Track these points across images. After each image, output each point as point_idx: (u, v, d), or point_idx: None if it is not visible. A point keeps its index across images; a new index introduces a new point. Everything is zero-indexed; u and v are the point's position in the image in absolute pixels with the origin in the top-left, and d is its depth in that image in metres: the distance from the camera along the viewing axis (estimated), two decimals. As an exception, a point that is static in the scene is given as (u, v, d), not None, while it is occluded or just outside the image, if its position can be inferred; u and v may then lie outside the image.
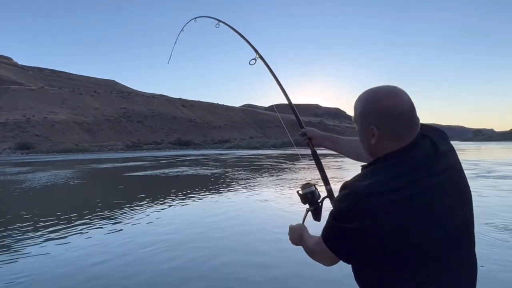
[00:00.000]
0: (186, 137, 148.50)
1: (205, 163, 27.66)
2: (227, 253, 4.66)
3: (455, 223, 0.91)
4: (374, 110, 0.98)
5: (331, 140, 1.52)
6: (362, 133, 1.03)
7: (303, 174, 15.69)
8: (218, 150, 79.71)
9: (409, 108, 0.95)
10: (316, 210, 1.34)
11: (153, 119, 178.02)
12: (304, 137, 1.59)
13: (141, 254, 4.63)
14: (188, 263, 4.31)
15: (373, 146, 1.00)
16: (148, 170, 21.19)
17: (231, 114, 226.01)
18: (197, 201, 8.93)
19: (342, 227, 0.90)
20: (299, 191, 1.37)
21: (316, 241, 1.08)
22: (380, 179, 0.90)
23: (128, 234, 5.74)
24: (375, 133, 0.97)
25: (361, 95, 1.03)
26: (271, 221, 6.54)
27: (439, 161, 0.95)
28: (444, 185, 0.92)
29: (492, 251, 4.31)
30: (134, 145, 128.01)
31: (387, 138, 0.96)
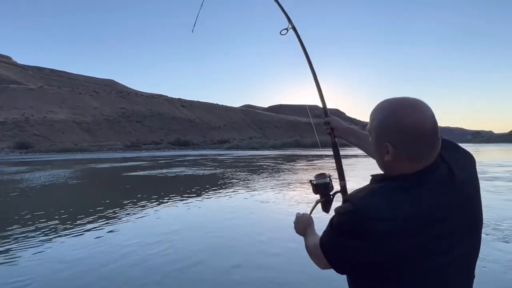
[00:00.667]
0: (185, 137, 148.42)
1: (204, 163, 27.61)
2: (235, 255, 4.60)
3: (460, 254, 0.87)
4: (392, 126, 0.87)
5: (356, 135, 1.39)
6: (375, 147, 0.94)
7: (300, 175, 15.67)
8: (217, 151, 79.70)
9: (432, 128, 0.85)
10: (326, 202, 1.30)
11: (152, 119, 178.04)
12: (327, 126, 1.46)
13: (145, 256, 4.57)
14: (196, 266, 4.22)
15: (386, 164, 0.91)
16: (147, 170, 21.14)
17: (230, 114, 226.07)
18: (195, 202, 8.89)
19: (340, 240, 0.88)
20: (313, 181, 1.32)
21: (315, 243, 1.05)
22: (389, 202, 0.84)
23: (127, 236, 5.69)
24: (390, 150, 0.88)
25: (380, 105, 0.92)
26: (266, 222, 6.52)
27: (454, 191, 0.88)
28: (456, 219, 0.87)
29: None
30: (133, 145, 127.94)
31: (403, 158, 0.87)
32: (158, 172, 19.44)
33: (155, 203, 8.78)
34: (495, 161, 22.72)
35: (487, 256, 4.12)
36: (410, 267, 0.82)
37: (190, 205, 8.47)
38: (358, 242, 0.83)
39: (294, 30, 1.58)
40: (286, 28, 1.58)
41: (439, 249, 0.83)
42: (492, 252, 4.34)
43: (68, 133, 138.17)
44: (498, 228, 5.43)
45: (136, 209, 7.98)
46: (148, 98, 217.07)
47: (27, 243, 5.29)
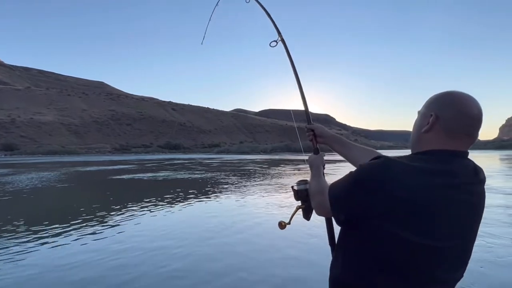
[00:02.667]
0: (176, 141, 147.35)
1: (190, 167, 27.23)
2: (225, 258, 4.39)
3: (458, 247, 0.89)
4: (442, 99, 0.93)
5: (341, 143, 1.40)
6: (419, 120, 0.98)
7: (288, 179, 15.48)
8: (207, 155, 79.23)
9: (477, 118, 0.90)
10: (307, 208, 1.29)
11: (142, 122, 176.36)
12: (310, 133, 1.46)
13: (131, 259, 4.31)
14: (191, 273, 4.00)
15: (421, 136, 0.94)
16: (131, 174, 20.68)
17: (221, 118, 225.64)
18: (175, 206, 8.62)
19: (356, 186, 0.89)
20: (294, 187, 1.32)
21: (321, 188, 1.08)
22: (422, 165, 0.86)
23: (108, 240, 5.40)
24: (431, 120, 0.91)
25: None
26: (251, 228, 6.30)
27: (475, 185, 0.91)
28: (470, 209, 0.90)
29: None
30: (122, 148, 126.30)
31: (441, 131, 0.91)
32: (143, 175, 19.03)
33: (136, 208, 8.46)
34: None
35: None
36: (409, 241, 0.83)
37: (171, 210, 8.19)
38: (377, 193, 0.84)
39: (283, 42, 1.63)
40: (275, 40, 1.63)
41: (445, 231, 0.85)
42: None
43: (55, 135, 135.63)
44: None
45: (114, 214, 7.66)
46: (138, 101, 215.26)
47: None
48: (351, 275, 0.94)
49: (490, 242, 5.03)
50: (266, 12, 1.77)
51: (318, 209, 1.08)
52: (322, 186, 1.09)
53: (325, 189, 1.02)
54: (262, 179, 15.95)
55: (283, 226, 1.27)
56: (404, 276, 0.86)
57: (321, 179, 1.18)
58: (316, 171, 1.25)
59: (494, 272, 3.82)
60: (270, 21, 1.73)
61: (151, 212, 7.91)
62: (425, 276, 0.86)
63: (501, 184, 12.35)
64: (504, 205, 8.04)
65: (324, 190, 1.02)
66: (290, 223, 1.27)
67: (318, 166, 1.27)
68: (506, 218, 6.63)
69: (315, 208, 1.11)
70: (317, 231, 5.32)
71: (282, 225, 1.27)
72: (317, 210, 1.09)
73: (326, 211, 1.00)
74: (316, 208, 1.09)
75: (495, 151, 76.84)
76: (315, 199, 1.10)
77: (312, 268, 4.07)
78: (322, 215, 1.08)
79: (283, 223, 1.27)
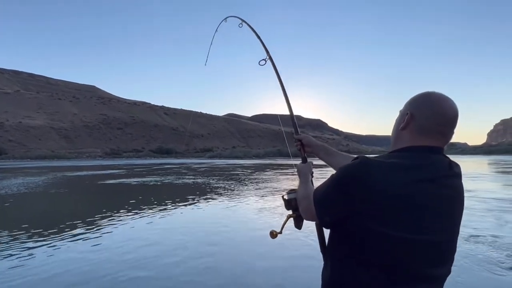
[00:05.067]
0: (168, 146, 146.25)
1: (179, 172, 27.05)
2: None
3: (440, 241, 0.90)
4: (419, 100, 0.98)
5: (326, 151, 1.48)
6: (398, 118, 1.03)
7: (276, 184, 15.41)
8: (200, 159, 78.75)
9: (452, 117, 0.94)
10: (298, 217, 1.28)
11: (134, 127, 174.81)
12: (297, 143, 1.55)
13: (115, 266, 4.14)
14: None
15: (398, 133, 1.00)
16: (119, 178, 20.38)
17: (214, 123, 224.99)
18: (159, 213, 8.45)
19: (337, 189, 0.92)
20: (284, 196, 1.34)
21: (307, 194, 1.11)
22: (398, 161, 0.90)
23: (74, 254, 5.21)
24: (406, 118, 0.97)
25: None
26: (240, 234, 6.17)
27: (451, 178, 0.94)
28: (448, 202, 0.92)
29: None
30: (113, 153, 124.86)
31: (416, 129, 0.95)
32: (130, 181, 18.75)
33: (120, 214, 8.26)
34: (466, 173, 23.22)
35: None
36: (392, 236, 0.84)
37: (156, 216, 8.01)
38: (357, 191, 0.87)
39: (271, 60, 1.73)
40: (264, 58, 1.73)
41: (426, 225, 0.87)
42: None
43: (45, 139, 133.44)
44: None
45: (99, 221, 7.45)
46: (130, 105, 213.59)
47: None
48: (339, 276, 0.95)
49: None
50: (256, 34, 1.90)
51: (305, 214, 1.11)
52: (308, 192, 1.12)
53: (310, 194, 1.06)
54: (251, 185, 15.81)
55: (274, 236, 1.26)
56: (391, 273, 0.86)
57: (307, 185, 1.22)
58: (303, 178, 1.28)
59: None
60: (260, 42, 1.85)
61: (131, 220, 7.69)
62: (412, 272, 0.87)
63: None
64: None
65: (310, 195, 1.05)
66: (282, 232, 1.26)
67: (306, 173, 1.31)
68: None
69: (303, 214, 1.13)
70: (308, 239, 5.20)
71: (274, 234, 1.26)
72: (304, 215, 1.12)
73: (312, 216, 1.02)
74: (304, 213, 1.13)
75: (484, 156, 78.05)
76: (302, 204, 1.14)
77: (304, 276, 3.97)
78: (309, 219, 1.10)
79: (274, 232, 1.26)
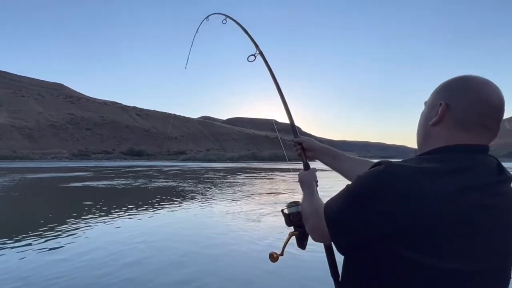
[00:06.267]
0: (139, 147, 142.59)
1: (152, 175, 26.44)
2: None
3: (496, 267, 0.71)
4: (454, 86, 0.78)
5: (332, 155, 1.26)
6: (425, 111, 0.83)
7: (250, 187, 15.46)
8: (173, 162, 77.38)
9: (499, 105, 0.75)
10: (301, 234, 1.11)
11: (103, 127, 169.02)
12: (298, 147, 1.34)
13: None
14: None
15: (429, 130, 0.79)
16: (85, 181, 19.59)
17: (187, 125, 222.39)
18: (118, 218, 8.21)
19: (357, 205, 0.71)
20: (284, 210, 1.16)
21: (315, 208, 0.92)
22: (435, 166, 0.70)
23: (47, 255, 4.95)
24: (440, 110, 0.76)
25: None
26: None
27: (502, 184, 0.74)
28: (502, 215, 0.71)
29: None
30: (81, 154, 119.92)
31: (453, 123, 0.75)
32: (97, 183, 18.09)
33: (79, 218, 7.93)
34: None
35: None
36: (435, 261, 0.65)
37: (115, 221, 7.77)
38: (384, 207, 0.67)
39: (262, 55, 1.64)
40: (253, 54, 1.64)
41: (476, 248, 0.67)
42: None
43: (5, 138, 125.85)
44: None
45: (41, 231, 7.11)
46: (100, 104, 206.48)
47: None
48: None
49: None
50: (242, 28, 1.80)
51: (313, 234, 0.91)
52: (316, 206, 0.93)
53: (319, 209, 0.86)
54: (223, 188, 15.74)
55: (275, 258, 1.07)
56: None
57: (314, 198, 1.02)
58: (308, 189, 1.08)
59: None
60: (248, 37, 1.74)
61: (89, 226, 7.42)
62: None
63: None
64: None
65: (319, 211, 0.85)
66: (283, 253, 1.07)
67: (310, 183, 1.12)
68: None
69: (310, 233, 0.93)
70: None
71: (274, 257, 1.07)
72: (312, 235, 0.92)
73: (323, 236, 0.82)
74: (311, 233, 0.92)
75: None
76: (308, 222, 0.93)
77: None
78: (318, 240, 0.89)
79: (274, 254, 1.07)
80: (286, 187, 17.27)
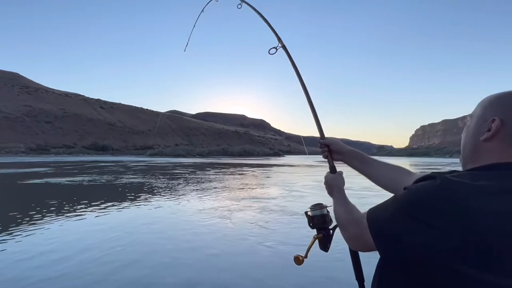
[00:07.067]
0: (103, 142, 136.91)
1: (116, 170, 25.72)
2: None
3: None
4: (509, 100, 0.76)
5: (361, 159, 1.23)
6: (474, 125, 0.81)
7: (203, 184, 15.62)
8: (139, 157, 75.28)
9: None
10: (325, 238, 1.11)
11: (64, 120, 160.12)
12: (324, 149, 1.30)
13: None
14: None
15: (480, 146, 0.78)
16: (46, 177, 18.72)
17: (155, 119, 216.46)
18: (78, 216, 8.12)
19: (409, 219, 0.69)
20: (308, 212, 1.17)
21: (356, 218, 0.88)
22: (493, 184, 0.68)
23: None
24: (494, 126, 0.75)
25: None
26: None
27: None
28: None
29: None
30: (40, 148, 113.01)
31: (507, 140, 0.74)
32: (60, 180, 17.35)
33: (34, 218, 7.76)
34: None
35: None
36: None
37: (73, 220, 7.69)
38: (439, 222, 0.65)
39: (284, 48, 1.55)
40: (275, 46, 1.54)
41: None
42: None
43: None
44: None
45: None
46: (61, 96, 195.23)
47: None
48: None
49: None
50: (263, 18, 1.65)
51: (355, 243, 0.88)
52: (356, 215, 0.90)
53: (361, 218, 0.83)
54: (192, 185, 15.76)
55: (300, 262, 1.07)
56: None
57: (350, 205, 0.99)
58: (339, 193, 1.07)
59: None
60: (270, 28, 1.61)
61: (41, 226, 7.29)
62: None
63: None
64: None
65: (360, 220, 0.82)
66: (307, 256, 1.08)
67: (340, 188, 1.10)
68: None
69: (351, 242, 0.89)
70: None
71: (300, 260, 1.07)
72: (353, 244, 0.89)
73: (366, 246, 0.79)
74: (353, 242, 0.88)
75: (407, 158, 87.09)
76: (348, 230, 0.90)
77: None
78: (359, 250, 0.89)
79: (300, 257, 1.07)
80: (257, 182, 17.59)
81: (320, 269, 4.10)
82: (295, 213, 8.13)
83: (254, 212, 8.34)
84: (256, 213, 8.21)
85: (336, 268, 4.15)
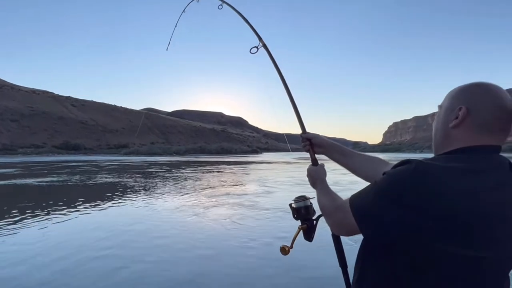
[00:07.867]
0: (75, 141, 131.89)
1: (89, 170, 24.90)
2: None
3: (504, 256, 0.76)
4: (474, 91, 0.83)
5: (342, 152, 1.29)
6: (443, 114, 0.88)
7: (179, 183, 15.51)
8: (113, 156, 73.15)
9: (511, 111, 0.81)
10: (309, 228, 1.17)
11: (32, 119, 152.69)
12: (306, 142, 1.35)
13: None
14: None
15: (449, 132, 0.84)
16: (12, 179, 17.82)
17: (130, 117, 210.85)
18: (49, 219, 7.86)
19: (388, 201, 0.74)
20: (292, 204, 1.21)
21: (339, 204, 0.93)
22: (463, 165, 0.74)
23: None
24: (461, 114, 0.81)
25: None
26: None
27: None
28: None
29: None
30: (6, 148, 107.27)
31: (472, 126, 0.81)
32: (29, 181, 16.60)
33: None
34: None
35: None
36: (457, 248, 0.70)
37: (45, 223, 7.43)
38: (415, 202, 0.70)
39: (265, 47, 1.57)
40: (256, 46, 1.56)
41: (495, 236, 0.73)
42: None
43: None
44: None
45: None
46: (28, 93, 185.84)
47: None
48: None
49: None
50: (243, 18, 1.70)
51: (339, 229, 0.92)
52: (339, 202, 0.95)
53: (344, 204, 0.87)
54: (167, 182, 15.56)
55: (287, 252, 1.12)
56: None
57: (332, 194, 1.04)
58: (322, 184, 1.13)
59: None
60: (249, 27, 1.64)
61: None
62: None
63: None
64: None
65: (343, 206, 0.86)
66: (293, 246, 1.13)
67: (323, 179, 1.16)
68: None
69: (335, 228, 0.94)
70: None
71: (286, 250, 1.12)
72: (337, 230, 0.94)
73: (349, 231, 0.84)
74: (337, 228, 0.93)
75: (381, 153, 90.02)
76: (332, 217, 0.94)
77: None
78: (343, 234, 0.93)
79: (286, 247, 1.13)
80: (235, 179, 17.58)
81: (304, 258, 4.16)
82: (276, 207, 8.20)
83: (228, 209, 8.36)
84: (230, 210, 8.22)
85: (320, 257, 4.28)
